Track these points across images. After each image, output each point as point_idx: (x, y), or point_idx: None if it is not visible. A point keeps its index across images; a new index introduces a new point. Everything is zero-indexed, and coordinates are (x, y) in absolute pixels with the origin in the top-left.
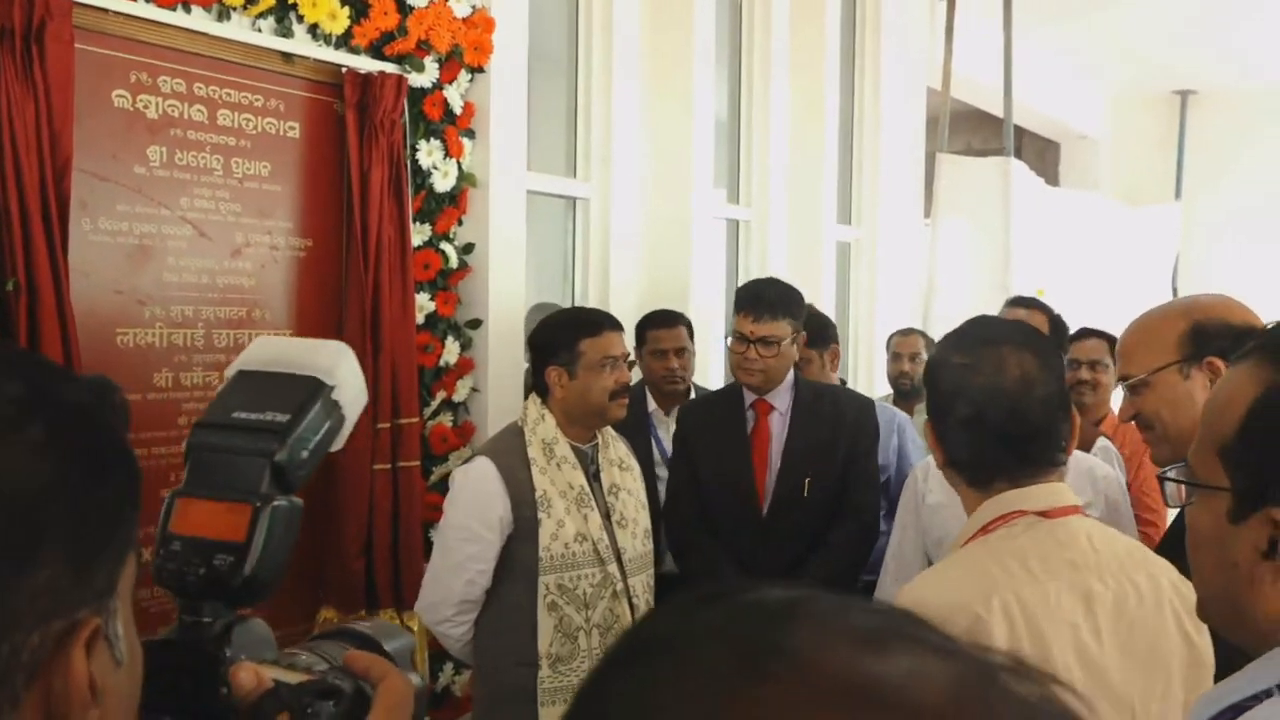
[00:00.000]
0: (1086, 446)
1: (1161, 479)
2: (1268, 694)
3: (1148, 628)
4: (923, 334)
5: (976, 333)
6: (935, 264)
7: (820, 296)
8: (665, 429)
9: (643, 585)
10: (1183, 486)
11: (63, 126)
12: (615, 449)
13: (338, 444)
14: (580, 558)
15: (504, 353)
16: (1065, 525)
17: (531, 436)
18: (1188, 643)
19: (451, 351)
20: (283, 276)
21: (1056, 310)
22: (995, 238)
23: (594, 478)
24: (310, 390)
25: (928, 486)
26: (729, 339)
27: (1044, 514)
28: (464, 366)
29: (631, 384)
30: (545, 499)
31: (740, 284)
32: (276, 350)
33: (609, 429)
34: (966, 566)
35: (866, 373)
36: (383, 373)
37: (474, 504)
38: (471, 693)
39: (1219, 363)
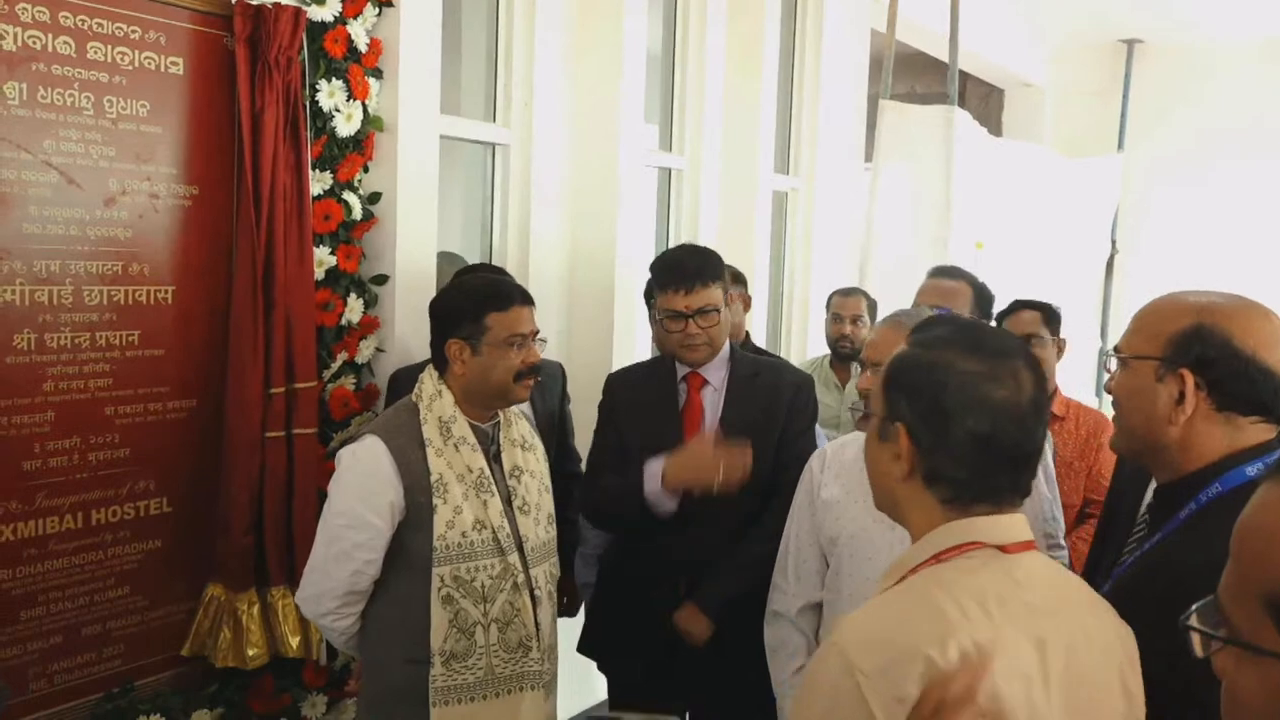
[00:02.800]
0: None
1: (1184, 628)
2: None
3: (1093, 680)
4: (865, 294)
5: (987, 340)
6: (874, 214)
7: (754, 249)
8: None
9: (545, 575)
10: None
11: None
12: (518, 427)
13: None
14: (478, 547)
15: (412, 311)
16: (1021, 563)
17: (427, 414)
18: (1126, 696)
19: (354, 310)
20: (164, 227)
21: (982, 279)
22: (937, 188)
23: (494, 459)
24: None
25: (823, 479)
26: (660, 318)
27: (1002, 548)
28: (368, 326)
29: (540, 364)
30: (441, 483)
31: (670, 239)
32: None
33: None
34: (917, 601)
35: (800, 329)
36: (276, 333)
37: (362, 488)
38: (357, 691)
39: (1189, 376)
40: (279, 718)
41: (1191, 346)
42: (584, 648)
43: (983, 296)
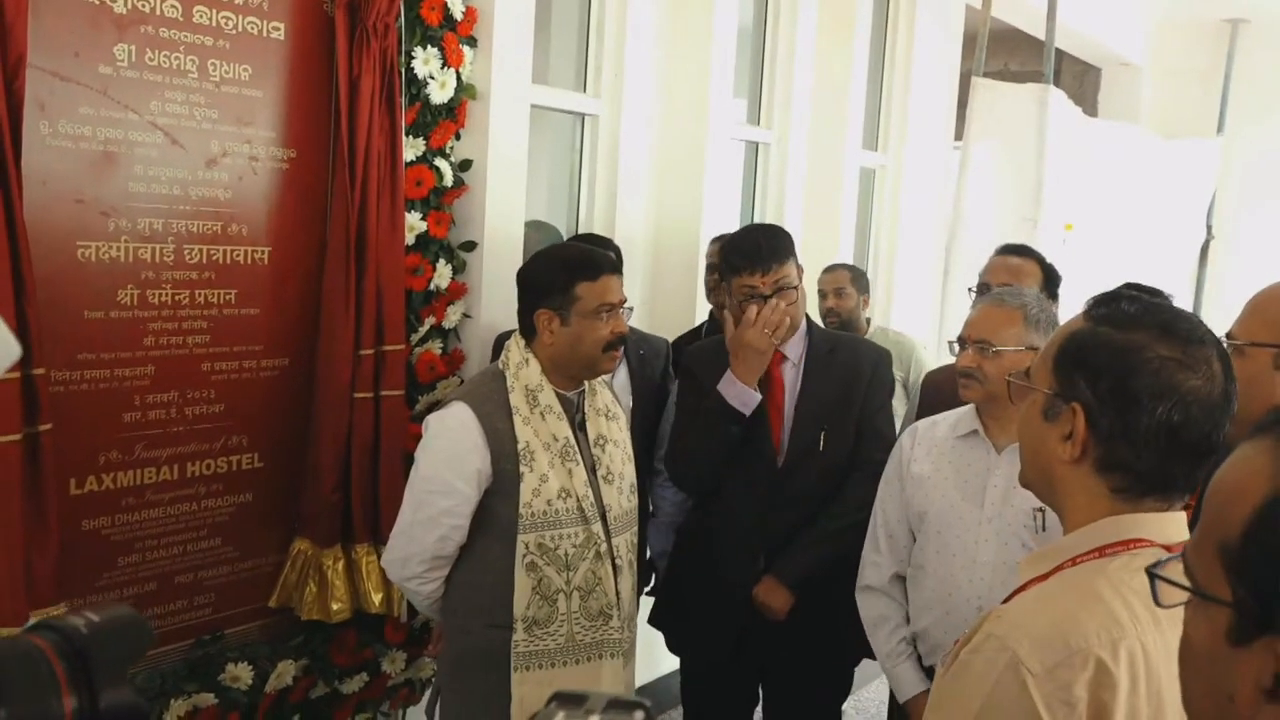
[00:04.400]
0: None
1: (1151, 576)
2: None
3: None
4: (849, 268)
5: (1180, 323)
6: (962, 193)
7: (840, 226)
8: None
9: (626, 545)
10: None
11: (15, 19)
12: (602, 396)
13: None
14: (563, 516)
15: (500, 278)
16: None
17: (514, 383)
18: None
19: (443, 275)
20: (262, 189)
21: (1063, 260)
22: (1027, 168)
23: (579, 428)
24: None
25: (913, 455)
26: (739, 300)
27: (1168, 548)
28: (455, 291)
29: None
30: (528, 451)
31: (756, 213)
32: None
33: None
34: (1085, 599)
35: (884, 307)
36: (367, 296)
37: (450, 455)
38: (436, 652)
39: None
40: (360, 671)
41: None
42: (656, 620)
43: (1051, 277)
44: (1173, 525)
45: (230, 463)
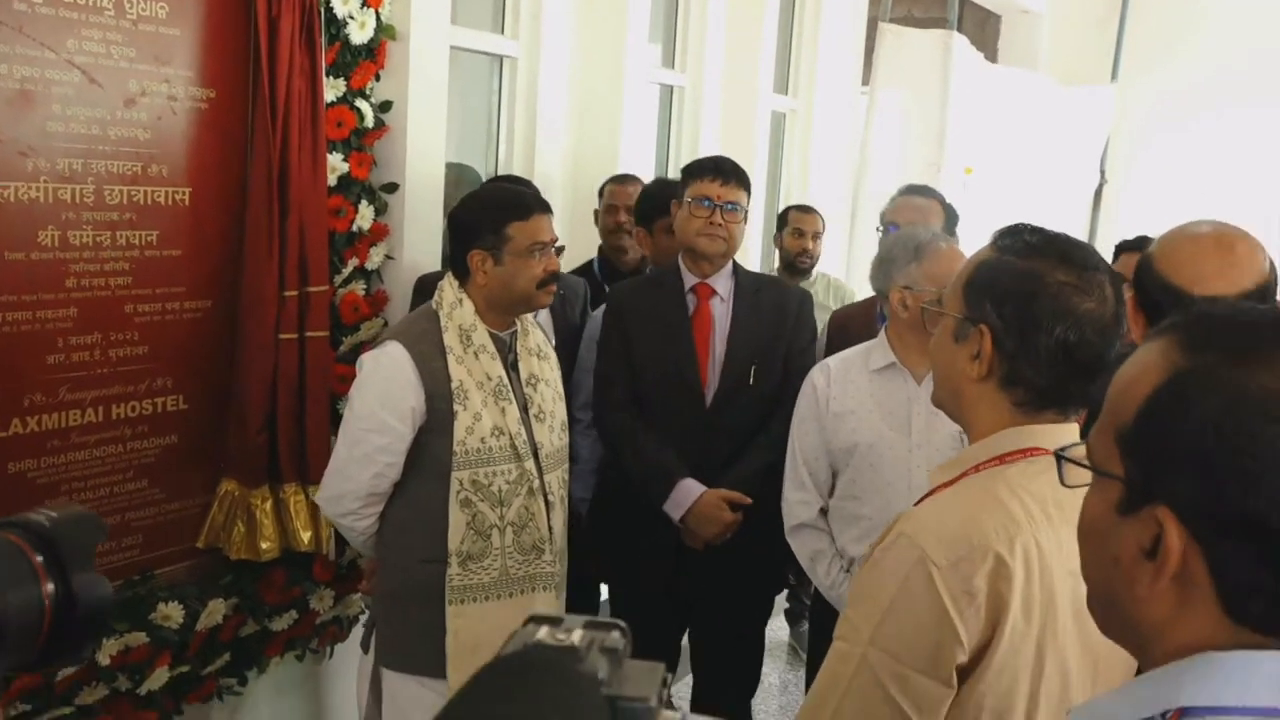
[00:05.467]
0: None
1: (1059, 458)
2: None
3: None
4: (820, 213)
5: (1074, 252)
6: (869, 137)
7: (753, 169)
8: None
9: (558, 481)
10: (1076, 468)
11: None
12: (534, 336)
13: None
14: (496, 453)
15: (421, 219)
16: None
17: (448, 322)
18: None
19: (365, 216)
20: (182, 130)
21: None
22: (932, 113)
23: (512, 367)
24: None
25: (830, 393)
26: (688, 204)
27: None
28: (378, 232)
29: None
30: (461, 390)
31: (670, 156)
32: None
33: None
34: (985, 501)
35: None
36: (290, 237)
37: (385, 393)
38: (372, 589)
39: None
40: (289, 609)
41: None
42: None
43: (951, 216)
44: (1066, 435)
45: (155, 405)
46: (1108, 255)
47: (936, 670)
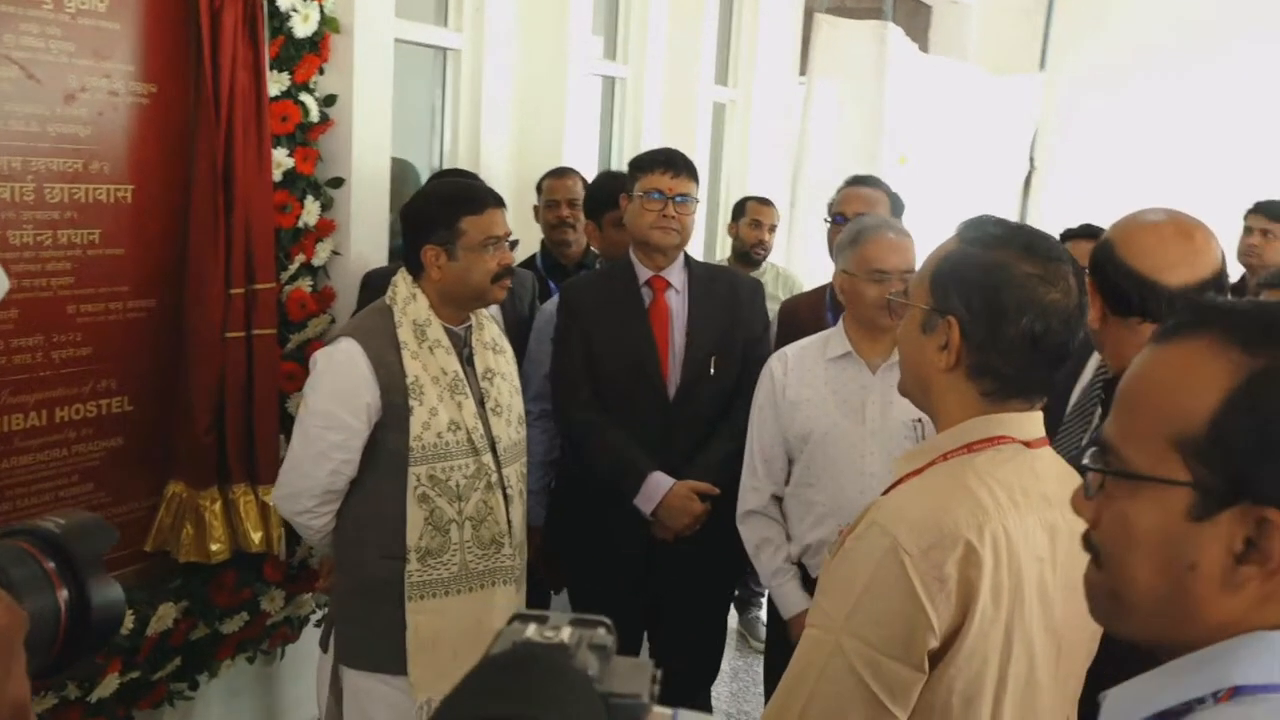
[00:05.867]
0: None
1: (1082, 469)
2: (1200, 702)
3: (1082, 560)
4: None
5: (1039, 243)
6: (807, 127)
7: (695, 160)
8: None
9: (516, 475)
10: (1103, 477)
11: None
12: (489, 330)
13: None
14: (453, 448)
15: (368, 214)
16: (1041, 457)
17: (402, 318)
18: None
19: (311, 212)
20: (123, 126)
21: (894, 189)
22: (869, 103)
23: (467, 362)
24: None
25: (786, 381)
26: (639, 198)
27: (1027, 444)
28: (324, 228)
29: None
30: (417, 385)
31: (613, 148)
32: None
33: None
34: (955, 489)
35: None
36: (236, 234)
37: (339, 389)
38: (331, 586)
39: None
40: (239, 611)
41: (1096, 257)
42: (543, 556)
43: (896, 205)
44: (1030, 423)
45: (100, 407)
46: None
47: (909, 655)
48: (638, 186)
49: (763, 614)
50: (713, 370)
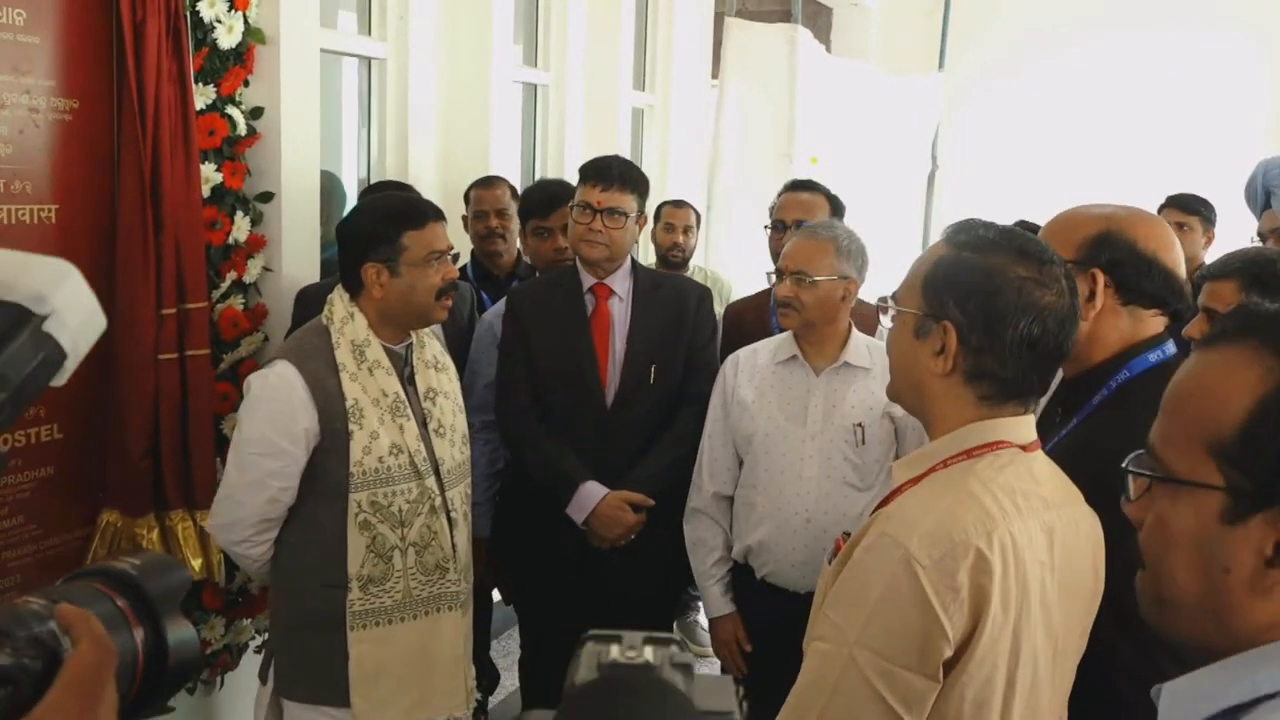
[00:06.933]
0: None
1: (1126, 472)
2: (1270, 698)
3: (1078, 564)
4: (693, 206)
5: (1031, 246)
6: (720, 131)
7: None
8: None
9: (460, 497)
10: (1149, 481)
11: None
12: (430, 348)
13: (58, 380)
14: (395, 472)
15: (298, 228)
16: (1037, 460)
17: (339, 338)
18: (1095, 575)
19: (241, 228)
20: (45, 143)
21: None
22: (780, 105)
23: (409, 381)
24: (11, 321)
25: (737, 382)
26: (574, 209)
27: (1023, 448)
28: (255, 244)
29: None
30: (357, 409)
31: (537, 155)
32: None
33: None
34: (960, 496)
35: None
36: (166, 253)
37: (275, 415)
38: (270, 615)
39: (1100, 276)
40: None
41: (1102, 250)
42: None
43: (836, 208)
44: (1025, 427)
45: (28, 435)
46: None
47: (923, 666)
48: (576, 196)
49: (701, 618)
50: (652, 378)
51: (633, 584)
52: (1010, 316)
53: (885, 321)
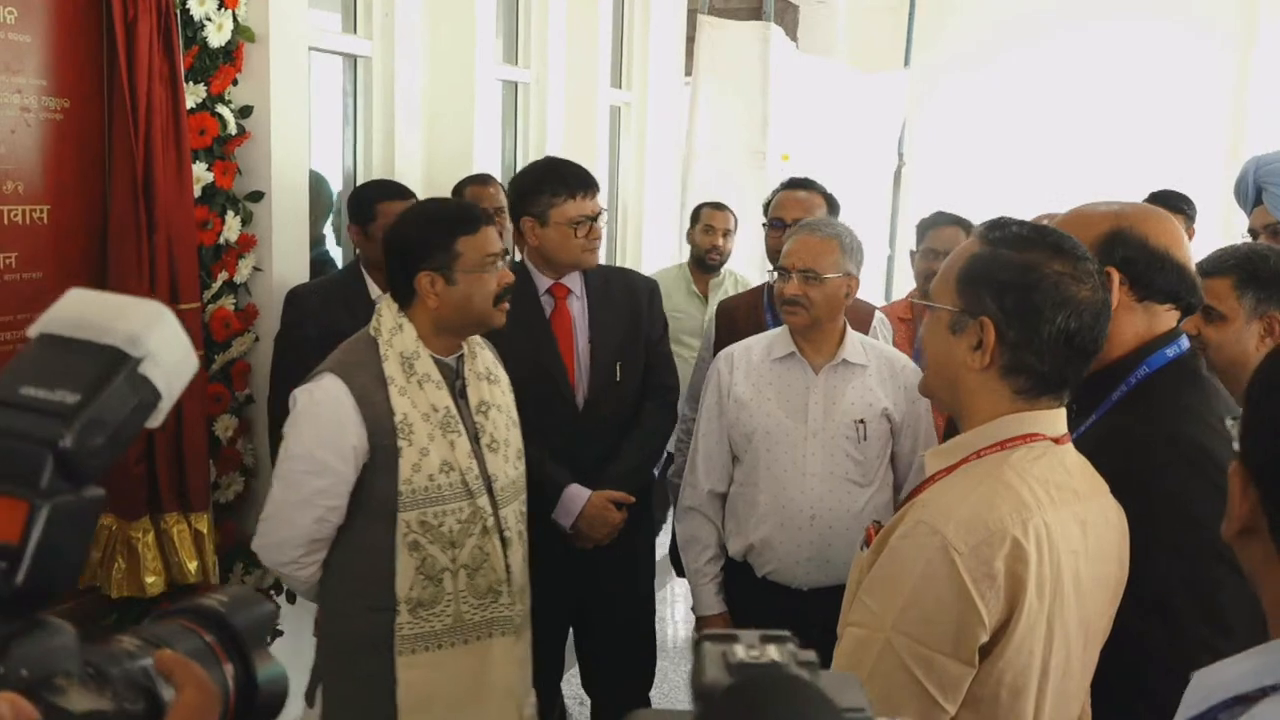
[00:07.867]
0: (864, 326)
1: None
2: (1275, 689)
3: (1106, 553)
4: (733, 211)
5: (1064, 241)
6: (694, 128)
7: (595, 163)
8: None
9: (515, 515)
10: None
11: None
12: (482, 359)
13: (153, 422)
14: (446, 490)
15: (289, 227)
16: (1068, 453)
17: (387, 350)
18: (1120, 565)
19: (232, 228)
20: (37, 143)
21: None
22: (753, 103)
23: (460, 395)
24: (108, 363)
25: (733, 379)
26: (572, 226)
27: (1055, 440)
28: (245, 243)
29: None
30: (406, 424)
31: (518, 153)
32: (80, 309)
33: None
34: (996, 485)
35: (635, 240)
36: (159, 253)
37: (323, 431)
38: (317, 637)
39: (1115, 274)
40: None
41: (1114, 248)
42: None
43: (832, 204)
44: (1058, 421)
45: None
46: (909, 233)
47: (959, 651)
48: (561, 213)
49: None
50: (618, 375)
51: (615, 582)
52: (1047, 311)
53: (876, 325)
